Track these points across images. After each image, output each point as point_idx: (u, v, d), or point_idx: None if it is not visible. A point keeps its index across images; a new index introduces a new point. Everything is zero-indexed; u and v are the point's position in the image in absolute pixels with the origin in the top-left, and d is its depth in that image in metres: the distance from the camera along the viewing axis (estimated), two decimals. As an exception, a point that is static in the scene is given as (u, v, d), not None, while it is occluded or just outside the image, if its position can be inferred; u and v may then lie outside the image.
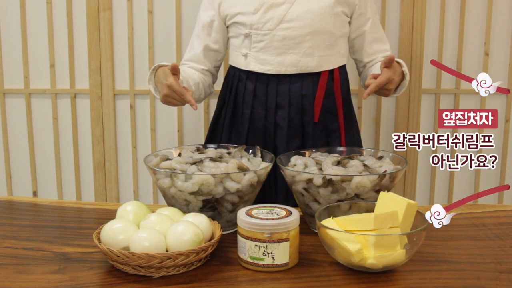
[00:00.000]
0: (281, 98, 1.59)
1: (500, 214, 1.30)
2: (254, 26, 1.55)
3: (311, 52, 1.56)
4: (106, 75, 2.35)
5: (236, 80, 1.65)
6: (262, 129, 1.61)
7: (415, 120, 2.45)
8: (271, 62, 1.57)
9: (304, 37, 1.55)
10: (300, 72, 1.57)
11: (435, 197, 2.55)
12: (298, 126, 1.60)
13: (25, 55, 2.36)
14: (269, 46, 1.56)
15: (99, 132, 2.38)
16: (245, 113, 1.62)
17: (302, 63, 1.57)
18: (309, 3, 1.55)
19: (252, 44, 1.57)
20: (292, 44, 1.55)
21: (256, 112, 1.61)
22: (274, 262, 1.01)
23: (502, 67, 2.45)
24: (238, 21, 1.58)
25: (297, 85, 1.58)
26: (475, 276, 0.99)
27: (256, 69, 1.58)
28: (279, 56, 1.56)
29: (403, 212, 1.00)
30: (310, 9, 1.55)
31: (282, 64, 1.56)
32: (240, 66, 1.62)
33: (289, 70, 1.57)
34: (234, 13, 1.59)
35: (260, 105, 1.60)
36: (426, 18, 2.38)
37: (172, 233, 1.02)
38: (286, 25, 1.54)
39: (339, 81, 1.64)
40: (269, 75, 1.58)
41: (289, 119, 1.59)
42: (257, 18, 1.54)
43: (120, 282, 0.97)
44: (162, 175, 1.17)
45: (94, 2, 2.29)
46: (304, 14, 1.54)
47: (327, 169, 1.19)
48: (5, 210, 1.35)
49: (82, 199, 2.46)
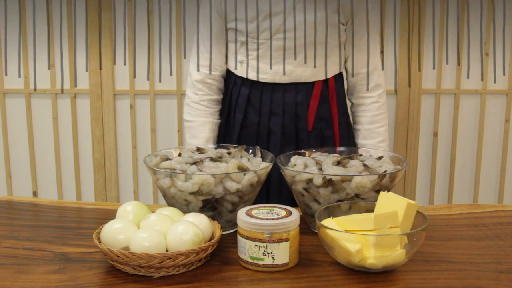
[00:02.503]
0: (276, 105, 1.59)
1: (500, 214, 1.30)
2: (250, 34, 1.54)
3: (307, 63, 1.56)
4: (106, 75, 2.35)
5: (232, 83, 1.64)
6: (255, 134, 1.61)
7: (415, 120, 2.45)
8: (266, 71, 1.57)
9: (300, 47, 1.55)
10: (295, 82, 1.58)
11: (435, 197, 2.55)
12: (292, 133, 1.60)
13: (25, 55, 2.36)
14: (265, 55, 1.56)
15: (99, 132, 2.38)
16: (237, 118, 1.63)
17: (296, 72, 1.57)
18: (305, 14, 1.54)
19: (248, 52, 1.57)
20: (288, 54, 1.55)
21: (249, 118, 1.61)
22: (274, 262, 1.01)
23: (502, 67, 2.45)
24: (236, 27, 1.57)
25: (292, 93, 1.58)
26: (475, 276, 0.99)
27: (251, 77, 1.58)
28: (274, 65, 1.56)
29: (403, 212, 1.00)
30: (306, 19, 1.52)
31: (277, 74, 1.57)
32: (236, 72, 1.62)
33: (284, 80, 1.57)
34: (231, 18, 1.57)
35: (253, 111, 1.61)
36: (426, 18, 2.38)
37: (172, 233, 1.02)
38: (282, 35, 1.53)
39: (334, 89, 1.63)
40: (264, 83, 1.59)
41: (283, 126, 1.60)
42: (254, 27, 1.53)
43: (120, 282, 0.97)
44: (162, 175, 1.17)
45: (94, 2, 2.29)
46: (300, 25, 1.53)
47: (327, 169, 1.19)
48: (5, 210, 1.35)
49: (82, 199, 2.46)
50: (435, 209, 1.33)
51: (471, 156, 2.52)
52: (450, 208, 1.34)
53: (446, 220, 1.27)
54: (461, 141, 2.50)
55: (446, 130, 2.50)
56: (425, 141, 2.50)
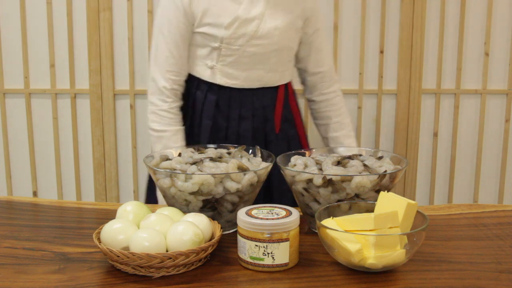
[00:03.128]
0: (245, 109, 1.61)
1: (500, 214, 1.30)
2: (225, 40, 1.53)
3: (275, 68, 1.60)
4: (106, 75, 2.35)
5: (195, 88, 1.62)
6: (223, 139, 1.61)
7: (415, 120, 2.45)
8: (238, 77, 1.57)
9: (271, 53, 1.58)
10: (263, 86, 1.61)
11: (435, 197, 2.55)
12: (262, 136, 1.63)
13: (25, 55, 2.36)
14: (238, 61, 1.56)
15: (99, 132, 2.38)
16: (205, 124, 1.61)
17: (266, 78, 1.60)
18: (276, 20, 1.56)
19: (220, 57, 1.55)
20: (260, 60, 1.57)
21: (217, 123, 1.61)
22: (274, 262, 1.01)
23: (502, 67, 2.45)
24: (208, 32, 1.54)
25: (259, 98, 1.61)
26: (475, 276, 0.99)
27: (222, 83, 1.58)
28: (245, 71, 1.57)
29: (403, 212, 1.00)
30: (277, 25, 1.56)
31: (248, 79, 1.58)
32: (203, 77, 1.59)
33: (254, 85, 1.60)
34: (204, 22, 1.53)
35: (221, 116, 1.60)
36: (426, 18, 2.38)
37: (172, 233, 1.02)
38: (256, 42, 1.55)
39: (293, 92, 1.71)
40: (232, 88, 1.59)
41: (253, 130, 1.62)
42: (230, 33, 1.52)
43: (120, 282, 0.97)
44: (162, 175, 1.17)
45: (94, 2, 2.29)
46: (272, 31, 1.55)
47: (327, 169, 1.19)
48: (5, 210, 1.35)
49: (82, 199, 2.46)
50: (435, 209, 1.33)
51: (471, 156, 2.52)
52: (450, 208, 1.34)
53: (446, 220, 1.27)
54: (461, 141, 2.50)
55: (446, 130, 2.50)
56: (425, 141, 2.50)
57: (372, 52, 2.41)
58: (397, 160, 1.28)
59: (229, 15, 1.52)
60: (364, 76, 2.43)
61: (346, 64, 2.42)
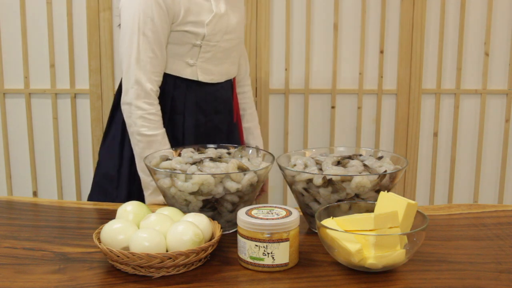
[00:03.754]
0: (218, 103, 1.67)
1: (500, 214, 1.30)
2: (206, 37, 1.55)
3: (235, 61, 1.72)
4: (106, 75, 2.35)
5: (172, 87, 1.59)
6: (204, 135, 1.64)
7: (415, 120, 2.45)
8: (214, 72, 1.63)
9: (235, 47, 1.67)
10: (227, 79, 1.69)
11: (435, 197, 2.55)
12: (230, 127, 1.72)
13: (25, 55, 2.36)
14: (213, 57, 1.61)
15: (99, 132, 2.38)
16: (188, 121, 1.61)
17: (231, 71, 1.70)
18: (235, 15, 1.65)
19: (200, 54, 1.57)
20: (228, 54, 1.65)
21: (199, 120, 1.63)
22: (274, 262, 1.01)
23: (502, 67, 2.45)
24: (190, 30, 1.54)
25: (226, 90, 1.69)
26: (475, 276, 0.99)
27: (202, 79, 1.60)
28: (218, 66, 1.63)
29: (403, 212, 1.00)
30: (238, 20, 1.66)
31: (220, 74, 1.65)
32: (183, 75, 1.58)
33: (223, 78, 1.67)
34: (186, 21, 1.52)
35: (200, 112, 1.63)
36: (426, 18, 2.38)
37: (172, 233, 1.02)
38: (227, 37, 1.62)
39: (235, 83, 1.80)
40: (205, 83, 1.62)
41: (227, 122, 1.71)
42: (210, 30, 1.55)
43: (120, 282, 0.97)
44: (162, 175, 1.17)
45: (94, 2, 2.29)
46: (238, 26, 1.65)
47: (327, 169, 1.19)
48: (5, 210, 1.35)
49: (82, 199, 2.46)
50: (435, 209, 1.33)
51: (471, 156, 2.52)
52: (450, 208, 1.34)
53: (446, 220, 1.27)
54: (461, 141, 2.50)
55: (446, 130, 2.49)
56: (425, 141, 2.50)
57: (372, 52, 2.41)
58: (397, 160, 1.28)
59: (206, 13, 1.55)
60: (364, 76, 2.43)
61: (346, 64, 2.42)
